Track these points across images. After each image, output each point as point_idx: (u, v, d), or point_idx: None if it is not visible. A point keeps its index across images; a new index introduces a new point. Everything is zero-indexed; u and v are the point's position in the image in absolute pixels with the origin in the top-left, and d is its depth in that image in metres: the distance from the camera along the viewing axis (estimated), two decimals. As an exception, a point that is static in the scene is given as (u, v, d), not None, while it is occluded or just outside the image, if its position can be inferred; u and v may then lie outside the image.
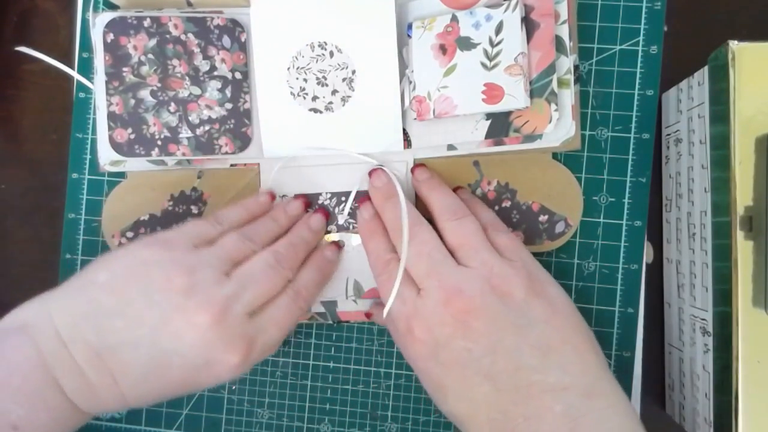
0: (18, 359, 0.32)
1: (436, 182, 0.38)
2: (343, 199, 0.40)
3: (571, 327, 0.33)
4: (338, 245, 0.40)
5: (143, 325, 0.32)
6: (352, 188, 0.40)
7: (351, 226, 0.40)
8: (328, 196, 0.40)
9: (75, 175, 0.43)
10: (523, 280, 0.33)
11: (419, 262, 0.35)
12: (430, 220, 0.37)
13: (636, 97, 0.40)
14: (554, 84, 0.36)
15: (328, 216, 0.40)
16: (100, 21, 0.39)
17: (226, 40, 0.39)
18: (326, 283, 0.40)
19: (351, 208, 0.40)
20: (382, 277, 0.36)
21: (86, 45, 0.43)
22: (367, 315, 0.40)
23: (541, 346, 0.31)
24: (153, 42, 0.39)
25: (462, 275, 0.33)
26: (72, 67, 0.43)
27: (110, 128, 0.39)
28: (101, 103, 0.39)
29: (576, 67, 0.37)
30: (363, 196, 0.39)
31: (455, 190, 0.39)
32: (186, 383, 0.34)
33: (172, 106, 0.39)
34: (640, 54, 0.40)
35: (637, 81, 0.40)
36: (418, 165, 0.39)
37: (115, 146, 0.39)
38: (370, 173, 0.39)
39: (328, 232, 0.40)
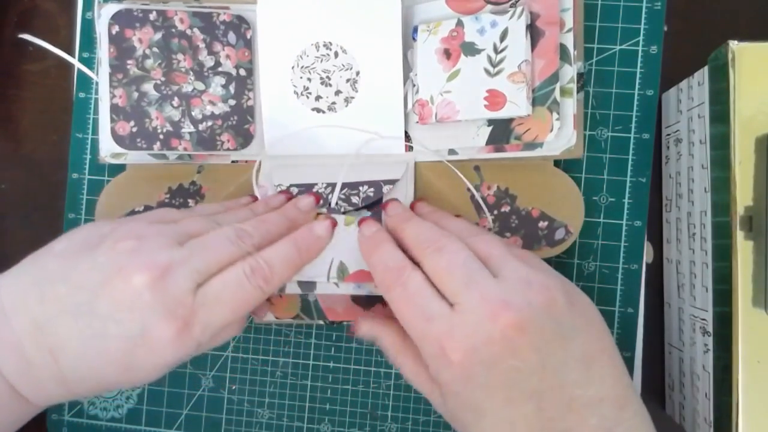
0: None
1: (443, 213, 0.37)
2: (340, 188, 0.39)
3: (605, 335, 0.31)
4: (333, 221, 0.36)
5: (84, 288, 0.30)
6: (350, 176, 0.39)
7: (342, 209, 0.38)
8: (324, 185, 0.39)
9: (75, 175, 0.43)
10: (560, 287, 0.31)
11: (453, 273, 0.31)
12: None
13: (636, 97, 0.40)
14: (557, 93, 0.36)
15: (320, 200, 0.38)
16: (105, 12, 0.39)
17: (232, 37, 0.39)
18: (305, 263, 0.35)
19: (343, 195, 0.38)
20: (396, 292, 0.32)
21: (86, 45, 0.43)
22: (350, 332, 0.36)
23: (584, 359, 0.30)
24: (158, 36, 0.39)
25: (503, 287, 0.30)
26: (72, 68, 0.43)
27: (112, 120, 0.39)
28: (104, 95, 0.39)
29: (580, 76, 0.37)
30: (364, 217, 0.37)
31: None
32: (125, 362, 0.31)
33: (176, 101, 0.39)
34: (640, 54, 0.40)
35: (637, 81, 0.40)
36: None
37: (117, 139, 0.39)
38: (384, 205, 0.37)
39: (319, 215, 0.38)
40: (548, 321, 0.30)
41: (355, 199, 0.38)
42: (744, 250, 0.31)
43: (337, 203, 0.38)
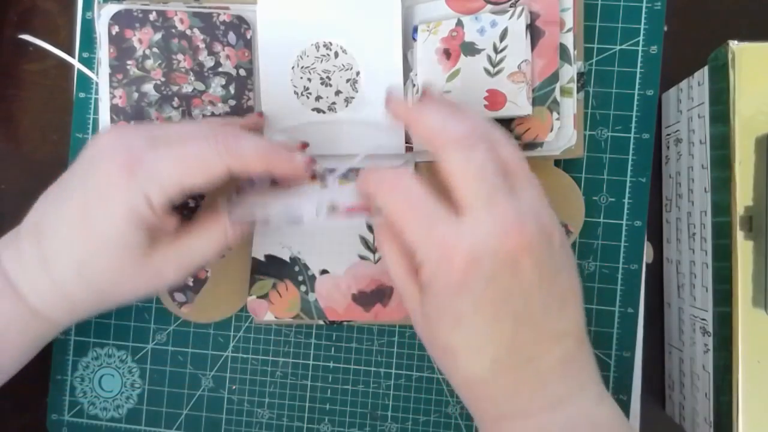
0: None
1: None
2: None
3: (576, 276, 0.32)
4: (312, 160, 0.34)
5: (67, 181, 0.33)
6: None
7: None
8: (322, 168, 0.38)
9: (75, 175, 0.43)
10: (557, 225, 0.31)
11: (479, 182, 0.29)
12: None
13: (636, 97, 0.40)
14: (557, 93, 0.36)
15: (313, 162, 0.35)
16: (105, 12, 0.39)
17: (232, 37, 0.39)
18: (274, 166, 0.33)
19: (342, 172, 0.37)
20: (397, 194, 0.31)
21: (86, 45, 0.43)
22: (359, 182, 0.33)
23: (562, 296, 0.31)
24: (158, 36, 0.39)
25: (520, 208, 0.30)
26: (72, 68, 0.43)
27: (113, 120, 0.39)
28: (104, 95, 0.39)
29: (581, 75, 0.37)
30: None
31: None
32: (84, 221, 0.31)
33: (176, 101, 0.39)
34: (640, 54, 0.40)
35: (637, 81, 0.40)
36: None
37: None
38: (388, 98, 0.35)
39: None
40: (548, 254, 0.30)
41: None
42: (744, 250, 0.31)
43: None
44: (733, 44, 0.31)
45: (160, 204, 0.31)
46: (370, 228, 0.40)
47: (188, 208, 0.41)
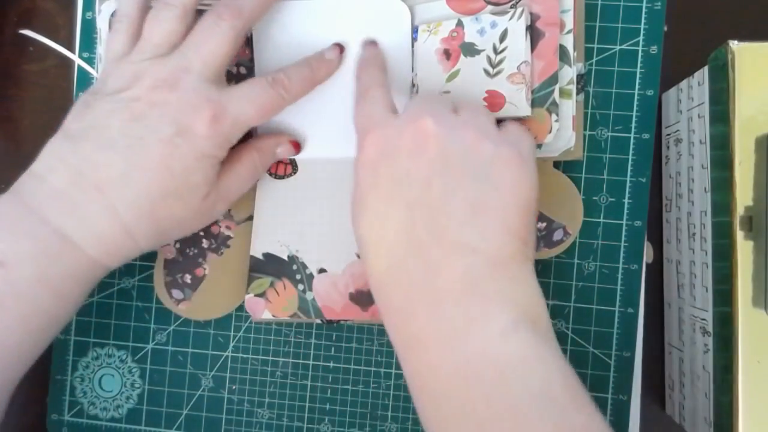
0: None
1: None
2: None
3: (517, 206, 0.31)
4: (341, 47, 0.39)
5: (111, 122, 0.33)
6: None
7: None
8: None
9: (75, 175, 0.43)
10: (502, 148, 0.31)
11: (420, 96, 0.35)
12: None
13: (636, 97, 0.40)
14: (556, 94, 0.36)
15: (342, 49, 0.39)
16: (106, 8, 0.39)
17: None
18: (318, 82, 0.38)
19: None
20: (359, 101, 0.36)
21: (86, 45, 0.43)
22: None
23: (474, 205, 0.30)
24: None
25: (446, 114, 0.32)
26: (72, 68, 0.43)
27: None
28: None
29: (580, 77, 0.37)
30: (370, 41, 0.39)
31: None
32: (168, 165, 0.33)
33: None
34: (640, 54, 0.40)
35: (637, 81, 0.40)
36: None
37: None
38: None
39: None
40: (461, 155, 0.30)
41: None
42: (744, 250, 0.31)
43: None
44: (733, 44, 0.31)
45: (234, 143, 0.35)
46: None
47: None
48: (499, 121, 0.35)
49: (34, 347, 0.34)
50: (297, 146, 0.40)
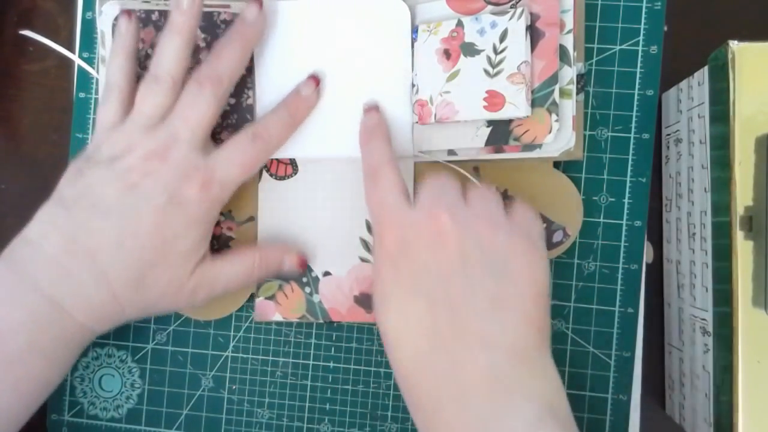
0: None
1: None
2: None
3: (532, 299, 0.32)
4: (316, 80, 0.39)
5: (105, 190, 0.34)
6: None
7: None
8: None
9: (75, 175, 0.43)
10: (516, 239, 0.32)
11: (432, 186, 0.34)
12: None
13: (636, 97, 0.40)
14: (556, 94, 0.36)
15: (318, 82, 0.39)
16: (107, 10, 0.39)
17: None
18: (298, 123, 0.39)
19: None
20: (369, 182, 0.35)
21: (87, 45, 0.43)
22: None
23: (495, 300, 0.31)
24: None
25: (460, 206, 0.33)
26: (72, 68, 0.43)
27: None
28: None
29: (580, 77, 0.37)
30: (370, 106, 0.39)
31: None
32: (160, 234, 0.34)
33: None
34: (640, 54, 0.40)
35: (637, 81, 0.40)
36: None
37: None
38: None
39: None
40: (478, 250, 0.31)
41: None
42: (744, 250, 0.31)
43: None
44: (733, 44, 0.31)
45: (225, 203, 0.37)
46: (370, 229, 0.40)
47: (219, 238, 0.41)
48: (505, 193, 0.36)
49: (25, 410, 0.35)
50: (304, 264, 0.40)
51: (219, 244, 0.41)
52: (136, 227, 0.34)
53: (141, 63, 0.39)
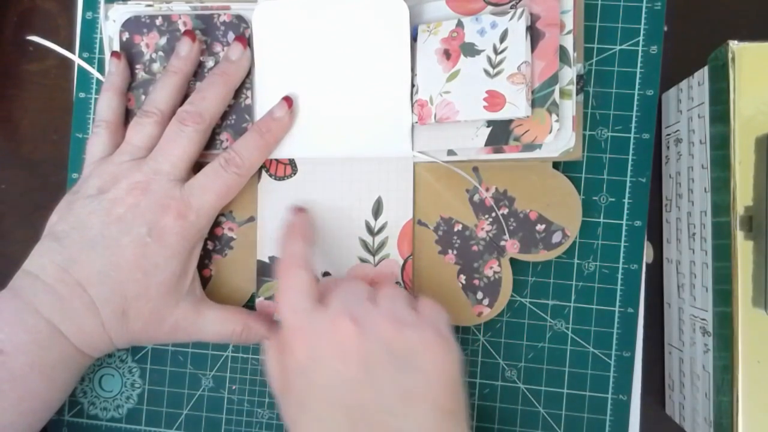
0: None
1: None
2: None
3: (443, 385, 0.32)
4: (289, 101, 0.39)
5: (92, 224, 0.36)
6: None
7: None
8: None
9: (75, 175, 0.43)
10: (418, 333, 0.33)
11: (340, 287, 0.35)
12: None
13: (636, 97, 0.40)
14: (556, 94, 0.36)
15: (291, 103, 0.39)
16: (113, 16, 0.40)
17: (231, 36, 0.40)
18: (272, 146, 0.39)
19: None
20: (282, 280, 0.35)
21: (86, 45, 0.43)
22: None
23: (405, 396, 0.31)
24: (163, 40, 0.40)
25: (365, 309, 0.33)
26: (72, 68, 0.43)
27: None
28: None
29: (580, 78, 0.37)
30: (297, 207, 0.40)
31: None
32: (142, 264, 0.36)
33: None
34: (640, 54, 0.40)
35: (637, 81, 0.40)
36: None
37: None
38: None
39: None
40: (384, 351, 0.32)
41: None
42: (744, 250, 0.31)
43: None
44: (733, 44, 0.31)
45: (204, 232, 0.39)
46: (370, 230, 0.40)
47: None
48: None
49: (27, 429, 0.36)
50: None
51: (221, 244, 0.41)
52: (118, 259, 0.35)
53: (145, 68, 0.40)
